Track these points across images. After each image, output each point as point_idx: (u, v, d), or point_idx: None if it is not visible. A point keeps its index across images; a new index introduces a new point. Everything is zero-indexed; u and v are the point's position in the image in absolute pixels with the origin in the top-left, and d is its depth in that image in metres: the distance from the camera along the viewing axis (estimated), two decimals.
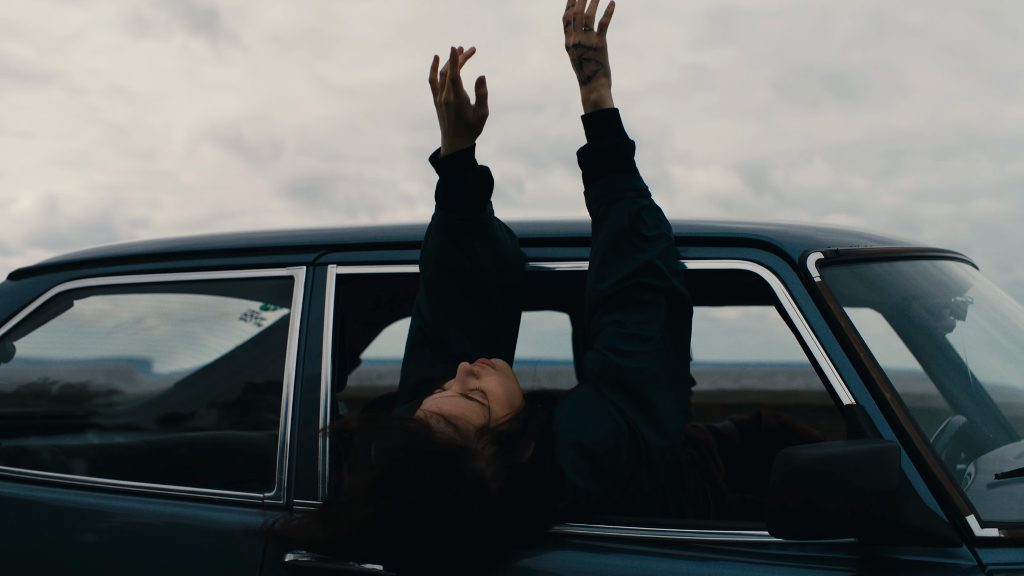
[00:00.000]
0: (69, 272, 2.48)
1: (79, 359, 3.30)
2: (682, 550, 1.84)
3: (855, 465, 1.66)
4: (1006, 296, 2.62)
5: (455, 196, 2.04)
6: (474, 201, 2.04)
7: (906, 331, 2.44)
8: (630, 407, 1.91)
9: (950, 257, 2.51)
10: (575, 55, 2.08)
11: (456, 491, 1.80)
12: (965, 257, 2.60)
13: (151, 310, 3.31)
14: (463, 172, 2.04)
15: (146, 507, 2.17)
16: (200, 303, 3.23)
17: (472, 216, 2.04)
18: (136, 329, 3.31)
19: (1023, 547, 1.72)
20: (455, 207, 2.04)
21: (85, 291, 2.47)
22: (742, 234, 2.01)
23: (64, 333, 2.90)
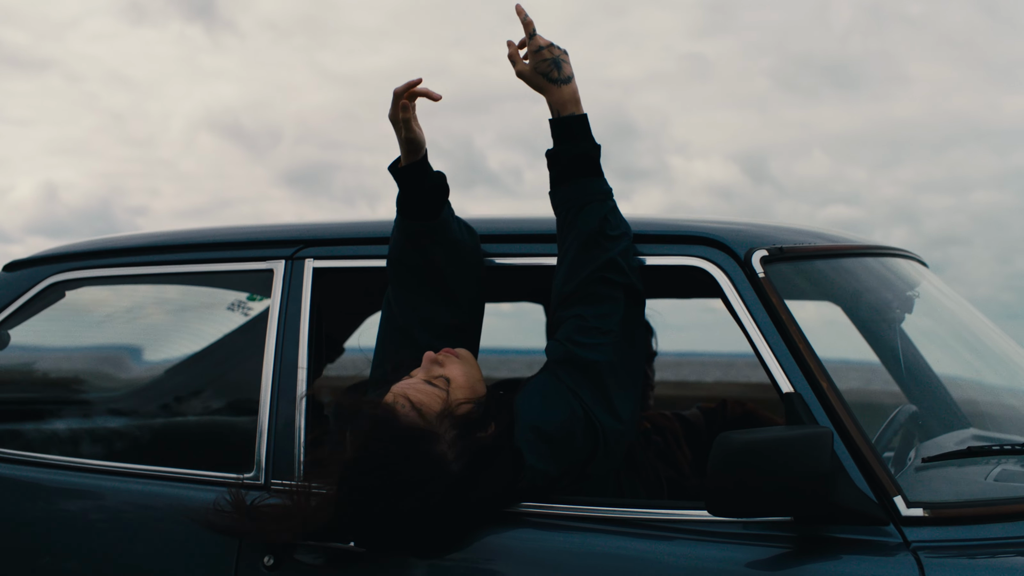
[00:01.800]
0: (61, 264, 2.60)
1: (73, 346, 3.42)
2: (630, 528, 1.97)
3: (788, 449, 1.78)
4: (953, 293, 2.75)
5: (412, 203, 2.16)
6: (430, 207, 2.17)
7: (860, 323, 2.57)
8: (587, 394, 2.03)
9: (899, 255, 2.63)
10: (553, 54, 2.16)
11: (419, 471, 1.93)
12: (914, 255, 2.73)
13: (144, 299, 3.43)
14: (419, 181, 2.16)
15: (130, 486, 2.30)
16: (189, 293, 3.35)
17: (429, 222, 2.16)
18: (128, 318, 3.43)
19: (945, 525, 1.85)
20: (413, 213, 2.16)
21: (76, 282, 2.60)
22: (693, 232, 2.14)
23: (60, 321, 3.02)
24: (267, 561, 2.10)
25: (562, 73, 2.14)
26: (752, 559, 1.87)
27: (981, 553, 1.84)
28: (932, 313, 2.69)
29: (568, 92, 2.14)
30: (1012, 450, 2.07)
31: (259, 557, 2.11)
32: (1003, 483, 2.06)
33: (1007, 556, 1.83)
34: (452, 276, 2.20)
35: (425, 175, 2.17)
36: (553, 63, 2.14)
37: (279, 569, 2.09)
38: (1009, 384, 2.68)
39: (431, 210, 2.17)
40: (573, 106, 2.14)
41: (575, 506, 2.01)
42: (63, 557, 2.30)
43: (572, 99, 2.14)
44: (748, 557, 1.87)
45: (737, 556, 1.87)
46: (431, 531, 1.98)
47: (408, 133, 2.13)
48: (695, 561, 1.89)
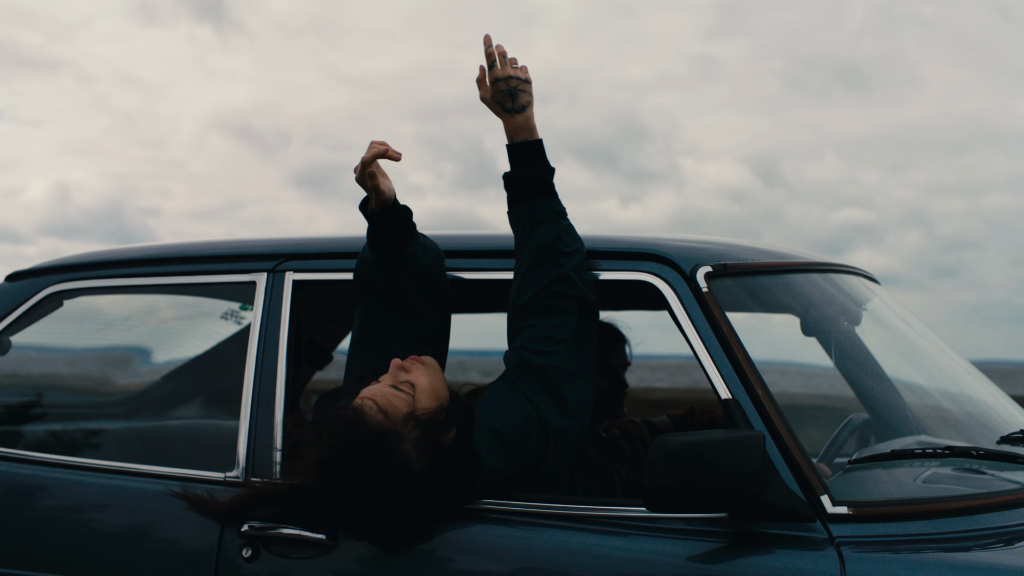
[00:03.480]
0: (59, 275, 2.78)
1: (78, 351, 3.58)
2: (579, 523, 2.13)
3: (722, 450, 1.93)
4: (902, 308, 2.91)
5: (381, 241, 2.32)
6: (397, 244, 2.32)
7: (811, 334, 2.73)
8: (541, 399, 2.19)
9: (850, 272, 2.79)
10: (510, 86, 2.33)
11: (384, 468, 2.09)
12: (865, 272, 2.88)
13: (144, 308, 3.60)
14: (387, 224, 2.31)
15: (117, 483, 2.47)
16: (185, 303, 3.51)
17: (396, 255, 2.32)
18: (127, 325, 3.60)
19: (868, 522, 2.01)
20: (381, 250, 2.33)
21: (73, 292, 2.77)
22: (642, 249, 2.30)
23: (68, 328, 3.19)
24: (245, 553, 2.26)
25: (516, 103, 2.31)
26: (688, 552, 2.02)
27: (901, 548, 1.98)
28: (882, 326, 2.85)
29: (521, 120, 2.31)
30: (934, 454, 2.22)
31: (238, 549, 2.27)
32: (930, 484, 2.22)
33: (925, 551, 1.98)
34: (418, 296, 2.36)
35: (393, 218, 2.31)
36: (508, 94, 2.31)
37: (256, 560, 2.25)
38: (954, 393, 2.83)
39: (398, 246, 2.32)
40: (525, 133, 2.31)
41: (530, 503, 2.17)
42: (49, 551, 2.46)
43: (524, 127, 2.31)
44: (684, 551, 2.02)
45: (674, 550, 2.02)
46: (396, 525, 2.14)
47: (378, 194, 2.28)
48: (635, 554, 2.05)
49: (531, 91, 2.34)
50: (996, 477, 2.27)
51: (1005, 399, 2.80)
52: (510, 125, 2.32)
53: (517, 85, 2.31)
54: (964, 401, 2.74)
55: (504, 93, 2.31)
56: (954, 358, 2.87)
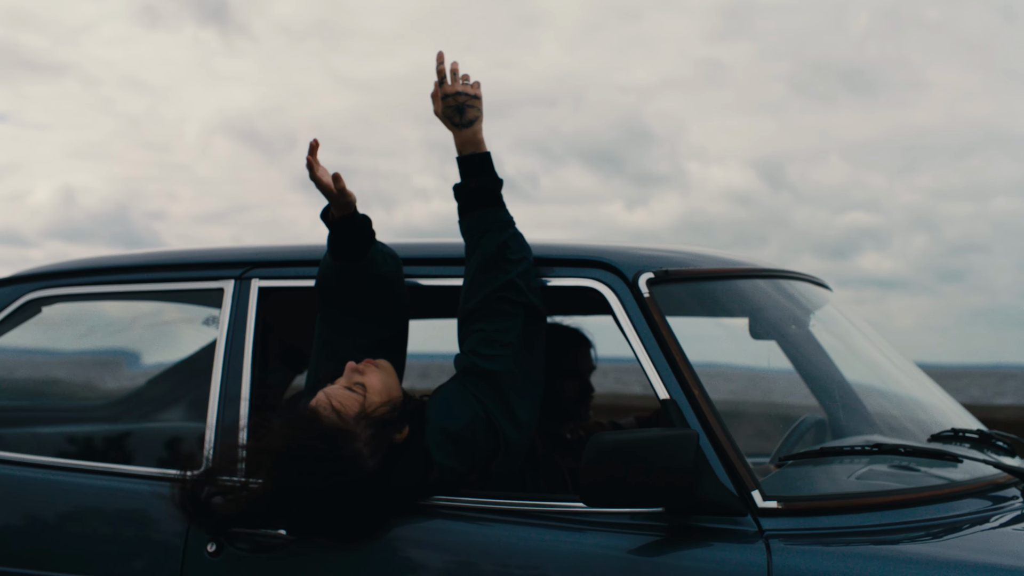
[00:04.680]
0: (37, 283, 2.89)
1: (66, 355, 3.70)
2: (525, 518, 2.23)
3: (655, 448, 2.03)
4: (852, 313, 3.01)
5: (341, 247, 2.42)
6: (357, 251, 2.42)
7: (763, 338, 2.83)
8: (489, 399, 2.30)
9: (800, 278, 2.89)
10: (458, 101, 2.44)
11: (336, 465, 2.19)
12: (817, 279, 2.98)
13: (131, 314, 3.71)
14: (348, 230, 2.41)
15: (88, 482, 2.58)
16: (166, 310, 3.63)
17: (355, 262, 2.42)
18: (112, 331, 3.71)
19: (796, 516, 2.11)
20: (341, 256, 2.43)
21: (51, 299, 2.89)
22: (588, 256, 2.40)
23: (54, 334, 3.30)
24: (210, 548, 2.37)
25: (464, 118, 2.42)
26: (625, 545, 2.12)
27: (829, 540, 2.08)
28: (832, 331, 2.95)
29: (468, 134, 2.42)
30: (862, 451, 2.32)
31: (203, 545, 2.38)
32: (863, 480, 2.32)
33: (852, 543, 2.08)
34: (376, 301, 2.46)
35: (353, 226, 2.41)
36: (456, 109, 2.42)
37: (220, 555, 2.36)
38: (901, 394, 2.93)
39: (358, 253, 2.42)
40: (473, 146, 2.42)
41: (478, 499, 2.28)
42: (20, 547, 2.58)
43: (472, 140, 2.42)
44: (622, 544, 2.12)
45: (613, 543, 2.13)
46: (350, 519, 2.24)
47: (342, 197, 2.38)
48: (576, 547, 2.15)
49: (480, 107, 2.44)
50: (927, 473, 2.37)
51: (949, 400, 2.90)
52: (459, 139, 2.43)
53: (465, 100, 2.42)
54: (909, 402, 2.85)
55: (453, 108, 2.42)
56: (901, 362, 2.97)
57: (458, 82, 2.45)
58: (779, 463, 2.30)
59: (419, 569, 2.25)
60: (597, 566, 2.11)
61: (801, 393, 2.93)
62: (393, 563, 2.25)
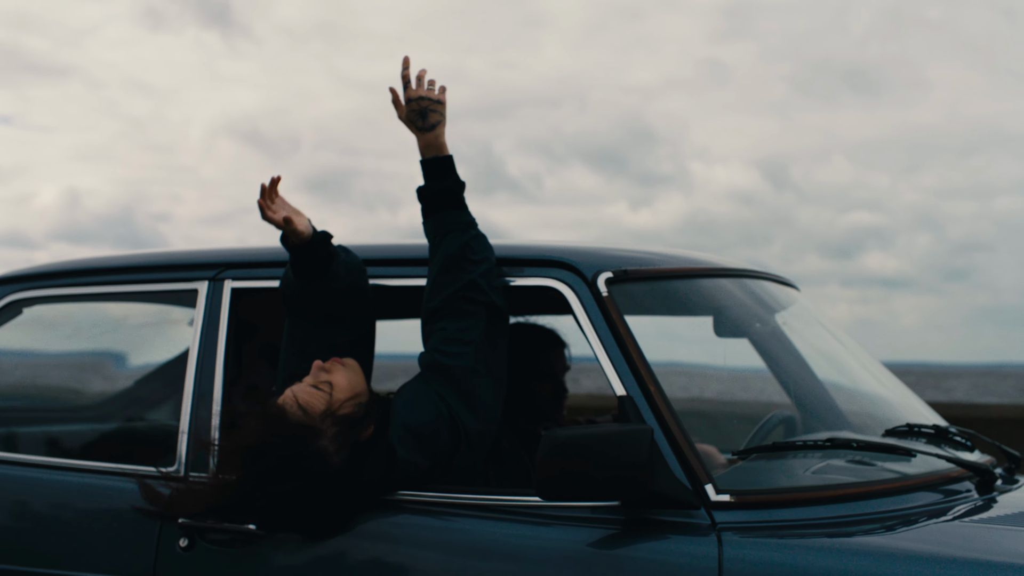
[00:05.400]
0: (17, 285, 2.96)
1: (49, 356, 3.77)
2: (487, 512, 2.28)
3: (609, 443, 2.09)
4: (819, 312, 3.06)
5: (300, 269, 2.48)
6: (316, 272, 2.48)
7: (727, 335, 2.89)
8: (452, 397, 2.36)
9: (766, 278, 2.94)
10: (421, 106, 2.49)
11: (302, 461, 2.25)
12: (785, 279, 3.04)
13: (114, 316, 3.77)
14: (307, 255, 2.47)
15: (64, 479, 2.65)
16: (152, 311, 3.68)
17: (317, 279, 2.48)
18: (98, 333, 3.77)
19: (748, 509, 2.16)
20: (301, 276, 2.48)
21: (31, 301, 2.96)
22: (548, 256, 2.46)
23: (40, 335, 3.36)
24: (182, 543, 2.43)
25: (426, 122, 2.47)
26: (581, 538, 2.17)
27: (780, 532, 2.13)
28: (801, 329, 3.01)
29: (431, 138, 2.47)
30: (815, 445, 2.37)
31: (175, 540, 2.44)
32: (819, 474, 2.37)
33: (804, 535, 2.13)
34: (341, 308, 2.51)
35: (311, 253, 2.46)
36: (419, 113, 2.47)
37: (192, 550, 2.42)
38: (866, 391, 2.98)
39: (318, 273, 2.48)
40: (435, 150, 2.47)
41: (442, 494, 2.33)
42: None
43: (434, 144, 2.47)
44: (578, 536, 2.17)
45: (569, 536, 2.18)
46: (317, 514, 2.30)
47: (294, 235, 2.43)
48: (534, 540, 2.21)
49: (443, 111, 2.50)
50: (882, 468, 2.42)
51: (911, 396, 2.96)
52: (422, 142, 2.48)
53: (428, 105, 2.48)
54: (872, 398, 2.90)
55: (416, 112, 2.48)
56: (866, 359, 3.02)
57: (422, 87, 2.50)
58: (732, 458, 2.35)
59: (384, 562, 2.31)
60: (554, 559, 2.16)
61: (764, 390, 2.98)
62: (359, 557, 2.31)
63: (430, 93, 2.50)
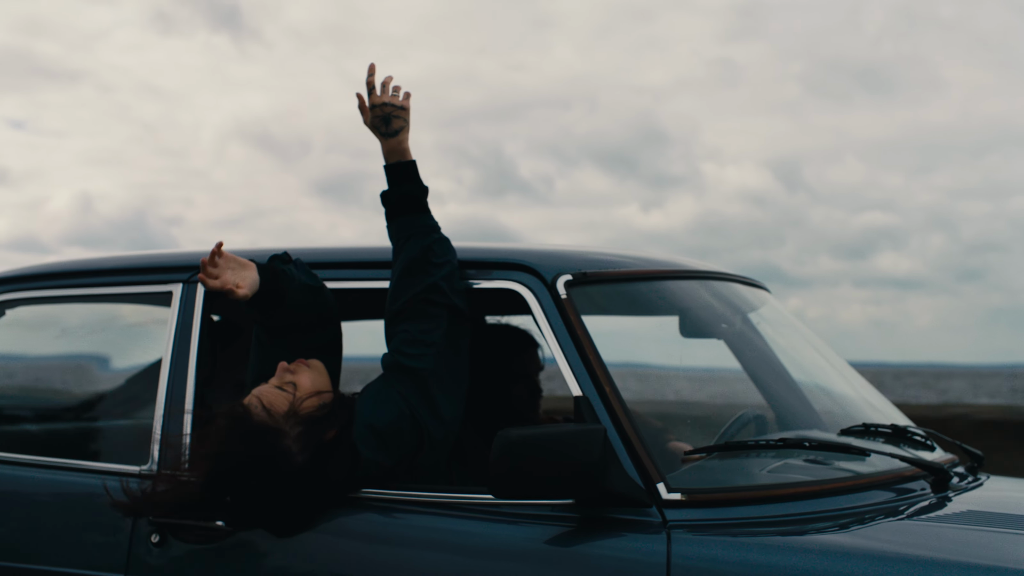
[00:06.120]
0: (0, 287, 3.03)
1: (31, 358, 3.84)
2: (447, 510, 2.34)
3: (562, 442, 2.13)
4: (789, 314, 3.10)
5: (255, 310, 2.55)
6: (272, 308, 2.54)
7: (693, 336, 2.93)
8: (413, 396, 2.41)
9: (735, 280, 2.98)
10: (384, 112, 2.55)
11: (265, 460, 2.31)
12: (754, 281, 3.08)
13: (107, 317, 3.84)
14: (260, 304, 2.54)
15: (37, 476, 2.72)
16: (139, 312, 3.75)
17: (271, 313, 2.55)
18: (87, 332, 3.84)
19: (699, 507, 2.21)
20: (257, 314, 2.55)
21: (13, 303, 3.03)
22: (509, 259, 2.51)
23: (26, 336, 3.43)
24: (154, 539, 2.50)
25: (389, 128, 2.53)
26: (533, 535, 2.22)
27: (730, 530, 2.18)
28: (768, 330, 3.05)
29: (394, 143, 2.53)
30: (767, 445, 2.42)
31: (147, 536, 2.50)
32: (775, 473, 2.41)
33: (751, 533, 2.17)
34: (303, 321, 2.58)
35: (263, 300, 2.52)
36: (383, 119, 2.53)
37: (163, 545, 2.48)
38: (834, 391, 3.02)
39: (274, 308, 2.55)
40: (398, 155, 2.53)
41: (404, 492, 2.39)
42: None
43: (398, 149, 2.53)
44: (531, 533, 2.23)
45: (522, 533, 2.23)
46: (283, 512, 2.36)
47: (242, 299, 2.48)
48: (489, 537, 2.26)
49: (407, 117, 2.55)
50: (837, 467, 2.46)
51: (878, 396, 3.00)
52: (385, 147, 2.54)
53: (391, 111, 2.53)
54: (837, 397, 2.94)
55: (380, 118, 2.53)
56: (835, 360, 3.06)
57: (387, 94, 2.56)
58: (684, 457, 2.39)
59: (348, 557, 2.36)
60: (509, 554, 2.22)
61: (731, 390, 3.02)
62: (324, 552, 2.37)
63: (394, 99, 2.55)
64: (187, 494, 2.40)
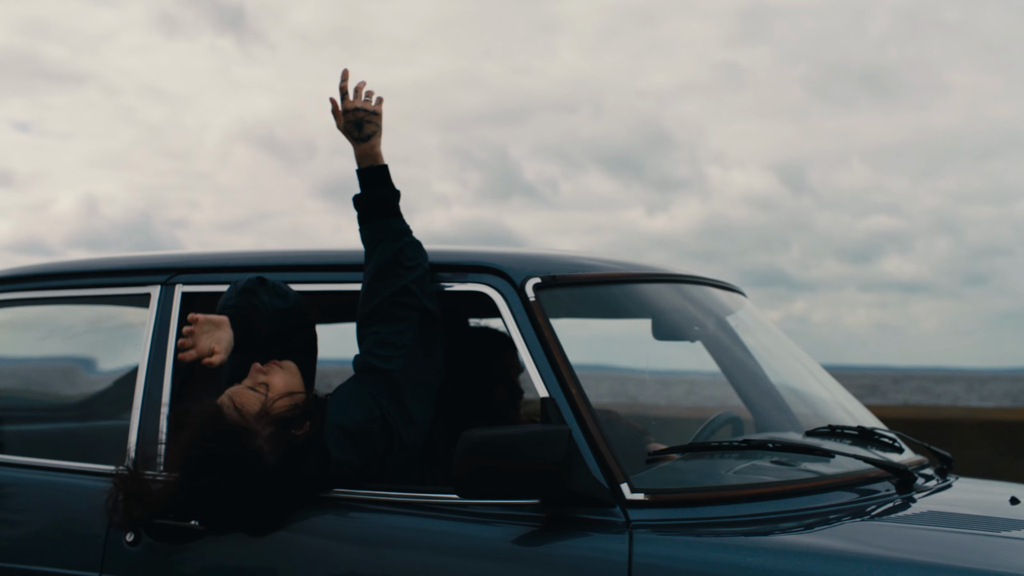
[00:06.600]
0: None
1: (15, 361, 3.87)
2: (416, 509, 2.37)
3: (526, 443, 2.16)
4: (764, 317, 3.13)
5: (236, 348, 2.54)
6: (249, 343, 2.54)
7: (666, 339, 2.96)
8: (384, 397, 2.44)
9: (710, 284, 3.01)
10: (356, 117, 2.58)
11: (237, 460, 2.34)
12: (730, 285, 3.11)
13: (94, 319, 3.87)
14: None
15: (12, 475, 2.75)
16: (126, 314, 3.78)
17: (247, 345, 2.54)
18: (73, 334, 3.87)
19: (663, 507, 2.24)
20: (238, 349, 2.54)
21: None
22: (480, 262, 2.54)
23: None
24: (128, 539, 2.53)
25: (362, 132, 2.56)
26: (498, 535, 2.25)
27: (693, 529, 2.21)
28: (746, 335, 3.08)
29: (366, 148, 2.56)
30: (730, 446, 2.45)
31: (122, 536, 2.54)
32: (740, 474, 2.44)
33: (713, 532, 2.20)
34: (274, 334, 2.59)
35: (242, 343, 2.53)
36: (355, 124, 2.56)
37: (138, 545, 2.52)
38: (806, 393, 3.06)
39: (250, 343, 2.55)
40: (370, 159, 2.56)
41: (374, 491, 2.42)
42: None
43: (370, 154, 2.56)
44: (496, 533, 2.26)
45: (488, 532, 2.26)
46: (255, 511, 2.39)
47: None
48: (455, 536, 2.30)
49: (378, 122, 2.59)
50: (803, 468, 2.49)
51: (850, 399, 3.03)
52: (357, 152, 2.57)
53: (364, 116, 2.57)
54: (808, 399, 2.97)
55: (352, 123, 2.57)
56: (808, 363, 3.09)
57: (359, 99, 2.59)
58: (649, 458, 2.42)
59: (318, 555, 2.39)
60: (474, 553, 2.25)
61: (704, 392, 3.06)
62: (295, 550, 2.40)
63: (366, 105, 2.59)
64: (162, 496, 2.43)
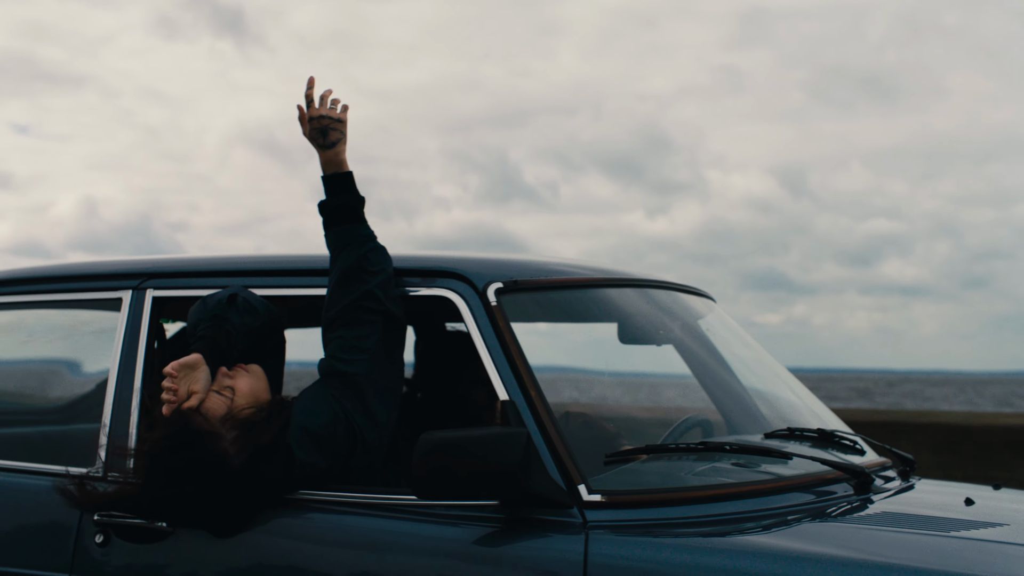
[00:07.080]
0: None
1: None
2: (379, 510, 2.40)
3: (484, 445, 2.19)
4: (731, 321, 3.17)
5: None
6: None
7: (632, 343, 3.00)
8: (348, 400, 2.48)
9: (678, 288, 3.05)
10: (321, 124, 2.62)
11: (202, 462, 2.38)
12: (698, 290, 3.14)
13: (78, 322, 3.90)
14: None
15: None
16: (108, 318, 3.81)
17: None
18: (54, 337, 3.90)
19: (618, 508, 2.27)
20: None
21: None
22: (443, 267, 2.58)
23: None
24: (98, 539, 2.56)
25: (327, 140, 2.60)
26: (456, 535, 2.29)
27: (649, 530, 2.24)
28: (714, 339, 3.11)
29: (331, 155, 2.60)
30: (687, 448, 2.48)
31: (92, 536, 2.57)
32: (699, 476, 2.47)
33: (669, 533, 2.23)
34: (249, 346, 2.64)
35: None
36: (320, 131, 2.60)
37: (107, 545, 2.55)
38: (771, 395, 3.09)
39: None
40: (335, 166, 2.60)
41: (339, 493, 2.45)
42: None
43: (334, 160, 2.60)
44: (454, 533, 2.29)
45: (446, 533, 2.30)
46: (222, 512, 2.43)
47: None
48: (414, 537, 2.33)
49: (343, 129, 2.62)
50: (761, 470, 2.52)
51: (815, 401, 3.06)
52: (323, 159, 2.61)
53: (328, 124, 2.60)
54: (772, 402, 3.00)
55: (317, 130, 2.60)
56: (774, 365, 3.13)
57: (325, 106, 2.63)
58: (607, 460, 2.45)
59: (283, 555, 2.43)
60: (432, 553, 2.28)
61: (678, 395, 3.09)
62: (261, 550, 2.43)
63: (331, 112, 2.63)
64: (129, 496, 2.47)
